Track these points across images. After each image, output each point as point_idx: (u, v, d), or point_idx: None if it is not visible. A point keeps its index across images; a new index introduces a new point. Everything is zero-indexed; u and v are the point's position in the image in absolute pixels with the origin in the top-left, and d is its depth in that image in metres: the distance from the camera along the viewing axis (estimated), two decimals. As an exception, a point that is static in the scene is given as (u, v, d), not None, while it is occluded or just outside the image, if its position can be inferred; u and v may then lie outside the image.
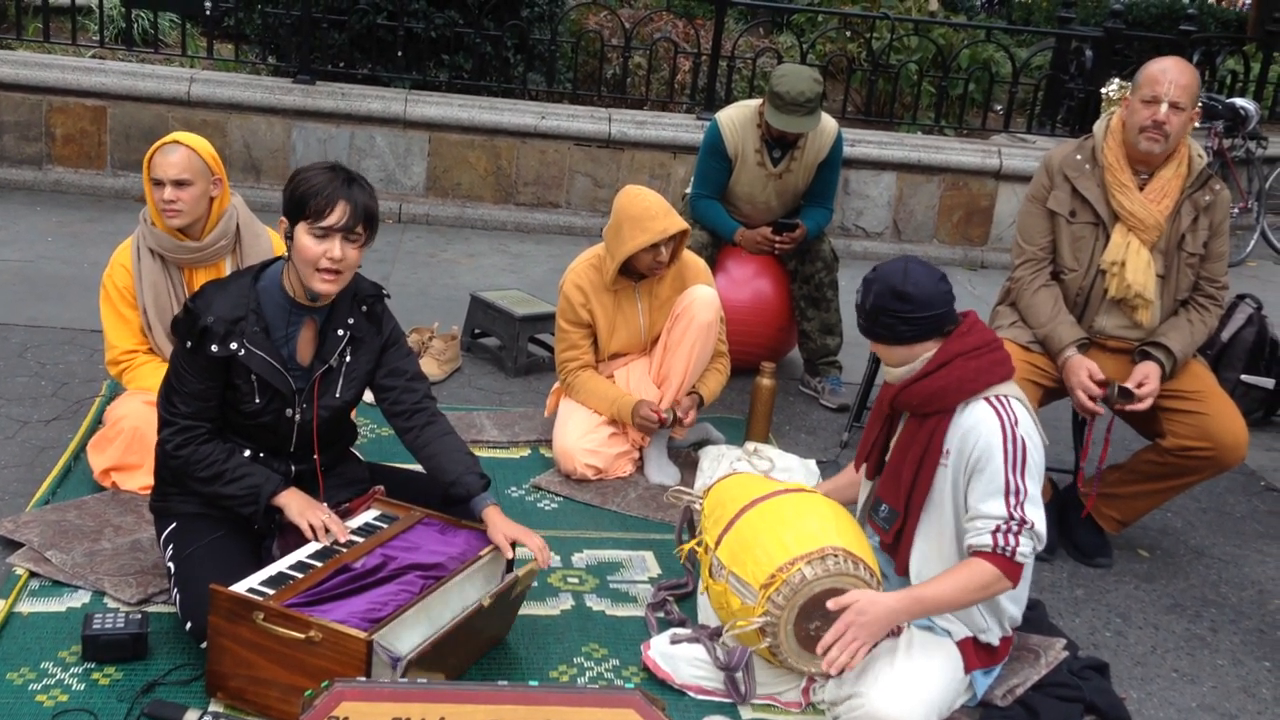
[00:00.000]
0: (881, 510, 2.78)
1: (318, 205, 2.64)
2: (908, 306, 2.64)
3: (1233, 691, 3.07)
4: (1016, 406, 2.62)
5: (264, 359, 2.73)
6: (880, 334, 2.69)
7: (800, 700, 2.74)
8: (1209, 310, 3.50)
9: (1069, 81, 7.95)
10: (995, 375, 2.65)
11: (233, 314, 2.71)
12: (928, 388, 2.65)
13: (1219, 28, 12.98)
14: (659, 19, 8.53)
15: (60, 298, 4.92)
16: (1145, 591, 3.54)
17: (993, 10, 14.61)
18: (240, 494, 2.76)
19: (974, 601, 2.63)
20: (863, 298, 2.72)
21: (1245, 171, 7.92)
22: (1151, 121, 3.30)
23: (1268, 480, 4.45)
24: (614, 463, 3.84)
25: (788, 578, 2.57)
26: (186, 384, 2.74)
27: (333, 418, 2.90)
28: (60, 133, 6.52)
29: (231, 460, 2.78)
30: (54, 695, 2.54)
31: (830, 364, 4.75)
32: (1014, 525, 2.55)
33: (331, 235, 2.65)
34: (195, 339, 2.69)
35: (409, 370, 2.97)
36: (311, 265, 2.67)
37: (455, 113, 6.73)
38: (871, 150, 7.06)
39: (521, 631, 2.94)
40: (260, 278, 2.80)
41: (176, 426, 2.75)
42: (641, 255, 3.71)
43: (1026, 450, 2.58)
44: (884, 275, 2.68)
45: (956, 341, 2.66)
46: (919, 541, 2.72)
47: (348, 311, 2.85)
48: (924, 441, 2.66)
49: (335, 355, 2.84)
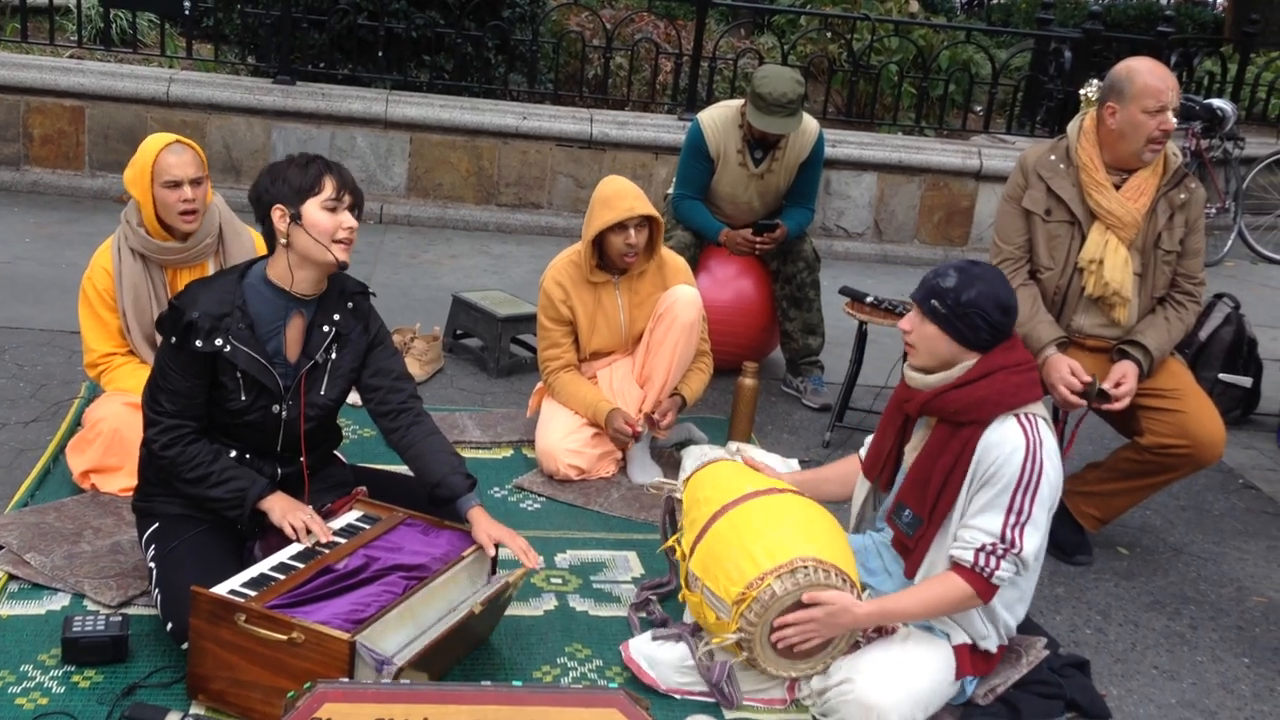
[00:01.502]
0: (905, 515, 2.76)
1: (324, 183, 2.71)
2: (1004, 321, 2.62)
3: (1212, 688, 3.10)
4: (1043, 429, 2.62)
5: (249, 354, 2.72)
6: (959, 329, 2.61)
7: (785, 697, 2.75)
8: (1186, 307, 3.52)
9: (1048, 82, 8.00)
10: (1031, 394, 2.64)
11: (218, 310, 2.70)
12: (969, 396, 2.62)
13: (1196, 29, 13.08)
14: (640, 20, 8.55)
15: (38, 299, 4.89)
16: (1125, 589, 3.56)
17: (972, 12, 14.69)
18: (226, 497, 2.75)
19: (940, 615, 2.65)
20: (958, 288, 2.60)
21: (1222, 172, 7.98)
22: (1161, 132, 3.33)
23: (1246, 478, 4.48)
24: (597, 463, 3.84)
25: (758, 594, 2.57)
26: (172, 381, 2.72)
27: (319, 416, 2.89)
28: (38, 133, 6.47)
29: (218, 463, 2.77)
30: (34, 698, 2.52)
31: (812, 364, 4.77)
32: (1001, 548, 2.55)
33: (341, 208, 2.72)
34: (180, 334, 2.68)
35: (395, 370, 2.97)
36: (329, 237, 2.71)
37: (436, 113, 6.72)
38: (852, 151, 7.09)
39: (505, 632, 2.93)
40: (246, 275, 2.80)
41: (162, 425, 2.74)
42: (612, 239, 3.72)
43: (1043, 475, 2.56)
44: (990, 280, 2.62)
45: (1001, 355, 2.64)
46: (932, 549, 2.71)
47: (334, 307, 2.85)
48: (956, 451, 2.63)
49: (321, 351, 2.84)
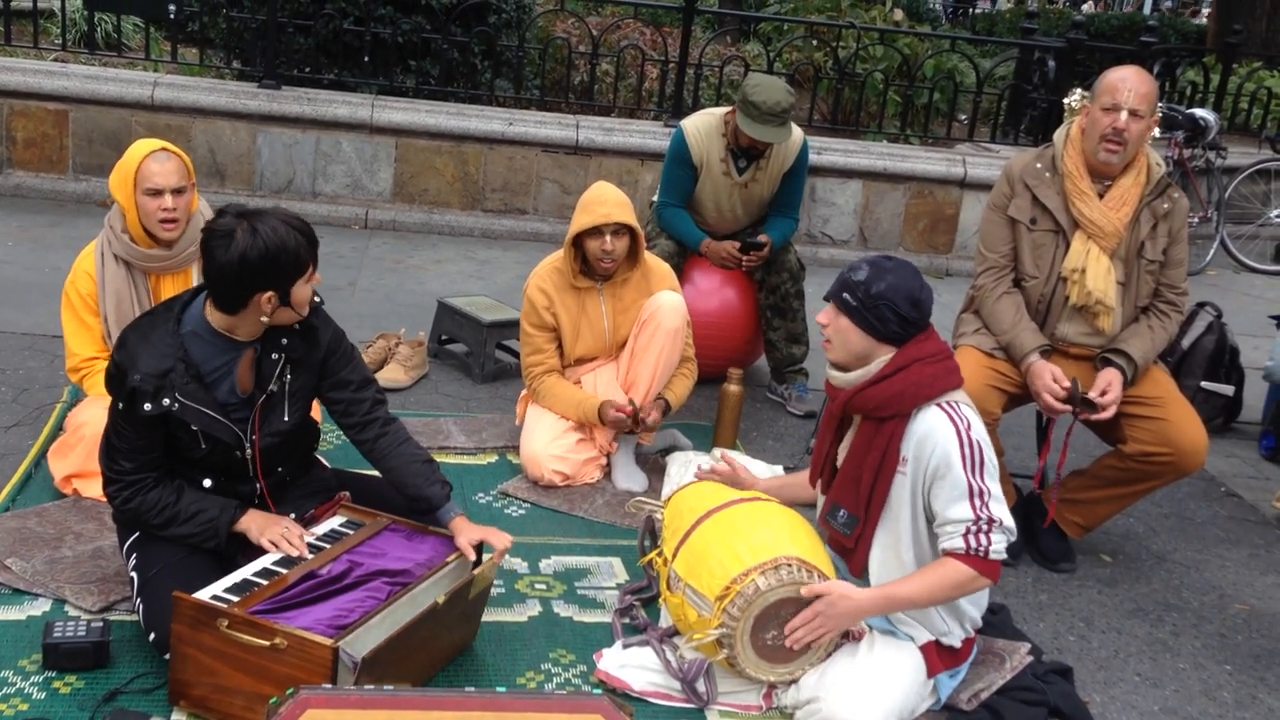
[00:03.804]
0: (840, 515, 2.79)
1: (308, 262, 2.68)
2: (915, 314, 2.66)
3: (1194, 695, 3.11)
4: (967, 411, 2.65)
5: (200, 411, 2.65)
6: (870, 321, 2.65)
7: (761, 704, 2.75)
8: (1169, 316, 3.54)
9: (1032, 91, 8.03)
10: (949, 383, 2.68)
11: (159, 366, 2.61)
12: (886, 391, 2.66)
13: (1179, 39, 13.17)
14: (626, 26, 8.56)
15: (20, 303, 4.86)
16: (1108, 596, 3.58)
17: (957, 21, 14.75)
18: (197, 531, 2.71)
19: (950, 599, 2.65)
20: (868, 280, 2.65)
21: (1205, 181, 8.03)
22: (1112, 129, 3.34)
23: (1228, 486, 4.51)
24: (581, 469, 3.84)
25: (742, 589, 2.59)
26: (126, 439, 2.66)
27: (284, 439, 2.84)
28: (21, 136, 6.44)
29: (183, 501, 2.71)
30: (14, 704, 2.51)
31: (796, 371, 4.77)
32: (983, 525, 2.58)
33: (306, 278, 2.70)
34: (125, 399, 2.61)
35: (353, 380, 2.89)
36: (306, 306, 2.71)
37: (422, 118, 6.71)
38: (838, 158, 7.11)
39: (489, 638, 2.93)
40: (182, 320, 2.69)
41: (121, 483, 2.69)
42: (589, 243, 3.74)
43: (983, 452, 2.60)
44: (901, 273, 2.66)
45: (915, 348, 2.68)
46: (876, 547, 2.74)
47: (279, 333, 2.76)
48: (882, 446, 2.67)
49: (274, 379, 2.77)
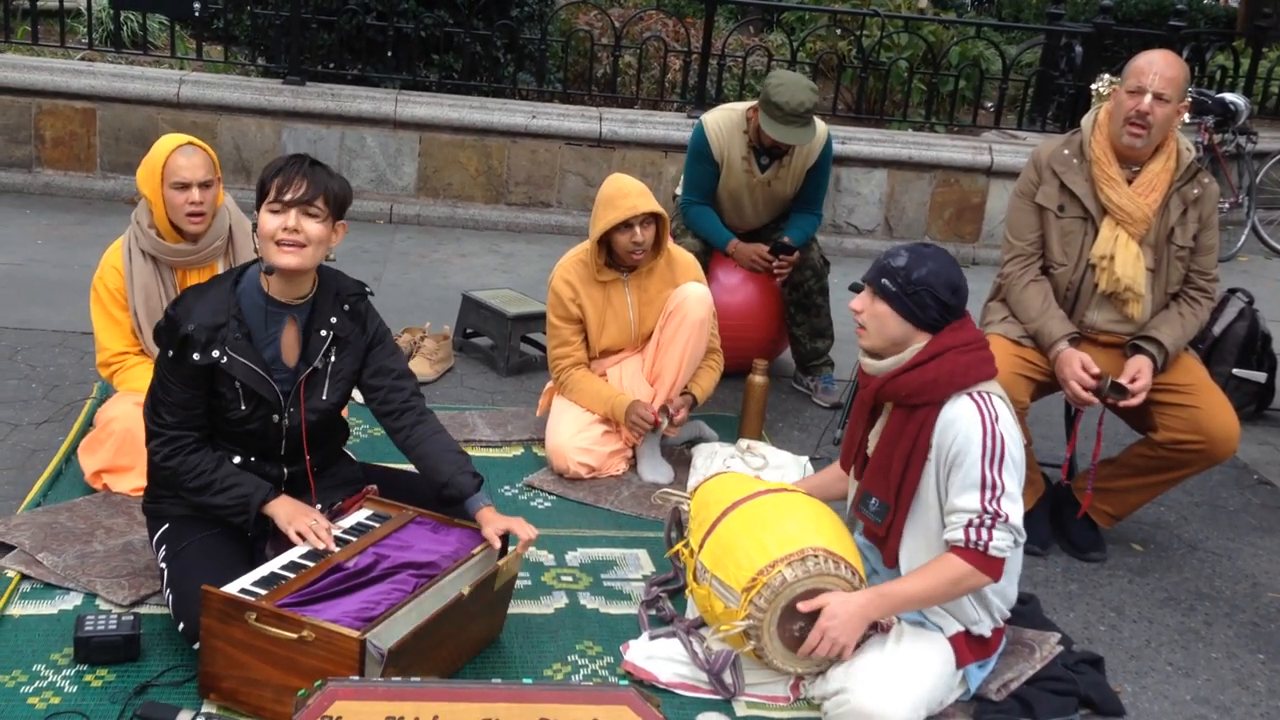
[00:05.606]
0: (871, 504, 2.77)
1: (271, 185, 2.67)
2: (954, 300, 2.65)
3: (1227, 684, 3.08)
4: (998, 403, 2.63)
5: (247, 365, 2.71)
6: (909, 307, 2.63)
7: (789, 695, 2.74)
8: (1200, 303, 3.50)
9: (1059, 78, 7.97)
10: (983, 372, 2.66)
11: (213, 320, 2.68)
12: (920, 378, 2.64)
13: (1208, 24, 13.02)
14: (649, 18, 8.54)
15: (50, 300, 4.90)
16: (1139, 585, 3.54)
17: (982, 7, 14.64)
18: (230, 504, 2.74)
19: (949, 597, 2.63)
20: (908, 266, 2.63)
21: (1235, 166, 7.94)
22: (1135, 112, 3.30)
23: (1260, 474, 4.46)
24: (607, 461, 3.84)
25: (768, 580, 2.58)
26: (171, 393, 2.71)
27: (321, 420, 2.89)
28: (49, 135, 6.50)
29: (220, 470, 2.76)
30: (46, 698, 2.53)
31: (823, 363, 4.74)
32: (987, 519, 2.55)
33: (288, 209, 2.66)
34: (177, 348, 2.66)
35: (395, 369, 2.96)
36: (271, 239, 2.67)
37: (445, 113, 6.72)
38: (862, 148, 7.07)
39: (515, 630, 2.94)
40: (240, 281, 2.78)
41: (164, 438, 2.73)
42: (618, 237, 3.72)
43: (1005, 446, 2.57)
44: (941, 260, 2.66)
45: (949, 335, 2.66)
46: (908, 535, 2.72)
47: (330, 311, 2.83)
48: (913, 434, 2.65)
49: (320, 356, 2.83)
